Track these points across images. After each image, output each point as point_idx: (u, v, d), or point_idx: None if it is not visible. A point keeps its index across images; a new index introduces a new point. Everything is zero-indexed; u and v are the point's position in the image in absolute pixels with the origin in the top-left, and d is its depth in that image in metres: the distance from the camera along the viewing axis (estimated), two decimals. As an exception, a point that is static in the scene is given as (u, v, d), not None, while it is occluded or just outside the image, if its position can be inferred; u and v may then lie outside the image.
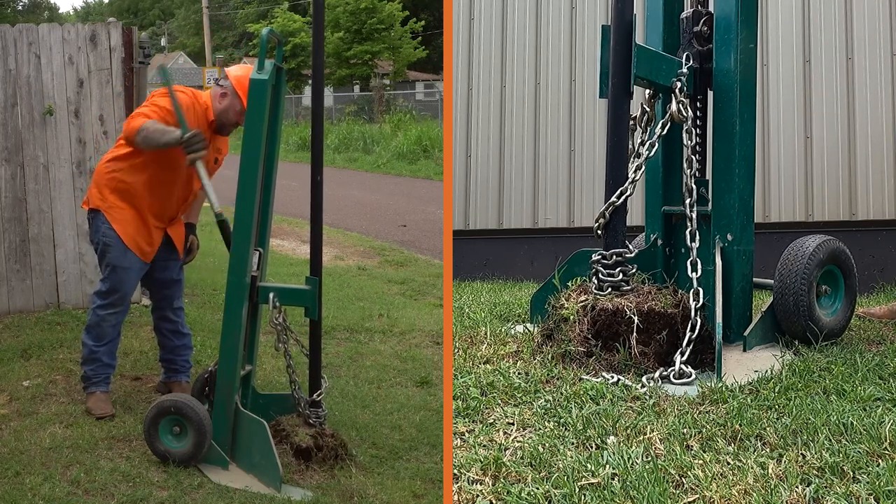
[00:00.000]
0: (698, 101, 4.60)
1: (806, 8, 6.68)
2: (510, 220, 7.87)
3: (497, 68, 8.06)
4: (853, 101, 6.48)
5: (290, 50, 31.82)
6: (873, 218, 6.39)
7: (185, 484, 3.58)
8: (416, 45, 33.61)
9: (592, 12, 7.48)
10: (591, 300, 4.10)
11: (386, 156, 19.61)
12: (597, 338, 4.02)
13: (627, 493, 2.65)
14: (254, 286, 3.84)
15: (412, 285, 7.59)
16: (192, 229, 4.55)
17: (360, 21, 31.13)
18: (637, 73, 4.23)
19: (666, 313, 4.04)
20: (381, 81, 31.27)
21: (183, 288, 4.60)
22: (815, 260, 4.31)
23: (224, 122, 4.19)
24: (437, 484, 3.64)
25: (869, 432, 3.03)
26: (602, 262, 4.24)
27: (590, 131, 7.54)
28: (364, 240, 10.14)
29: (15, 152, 5.92)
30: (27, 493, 3.45)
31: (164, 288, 4.44)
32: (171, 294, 4.48)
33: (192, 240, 4.55)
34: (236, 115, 4.13)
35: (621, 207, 4.29)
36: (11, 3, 45.35)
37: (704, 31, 4.52)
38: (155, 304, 4.54)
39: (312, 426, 3.85)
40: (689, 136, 4.42)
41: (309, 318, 3.86)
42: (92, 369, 4.34)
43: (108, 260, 4.24)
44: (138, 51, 6.23)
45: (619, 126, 4.32)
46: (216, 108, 4.16)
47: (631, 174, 4.31)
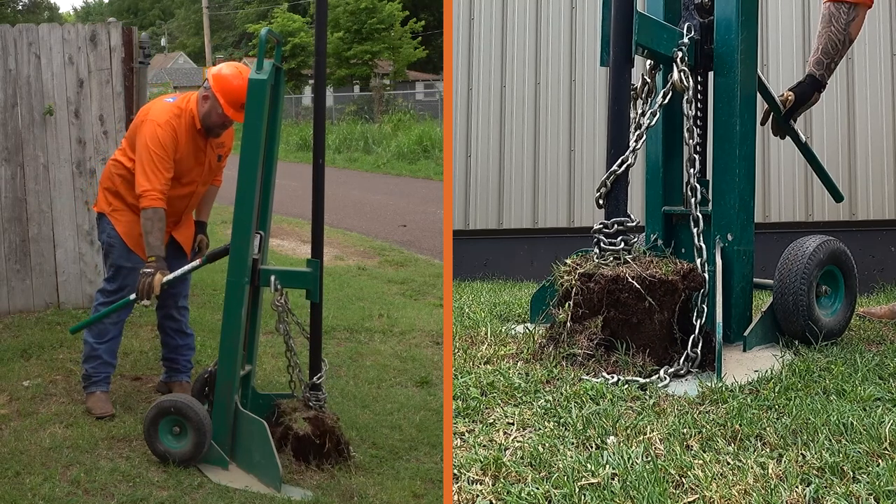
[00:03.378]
0: (699, 76, 4.58)
1: (806, 8, 6.68)
2: (510, 220, 7.87)
3: (497, 68, 8.06)
4: (853, 101, 6.48)
5: (290, 50, 31.83)
6: (873, 218, 6.39)
7: (185, 484, 3.59)
8: (416, 45, 33.61)
9: (592, 12, 7.47)
10: (593, 268, 4.07)
11: (386, 156, 19.61)
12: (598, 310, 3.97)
13: (627, 493, 2.65)
14: (255, 269, 3.84)
15: (412, 285, 7.60)
16: (202, 228, 4.57)
17: (360, 21, 31.13)
18: (638, 40, 4.21)
19: (667, 280, 4.00)
20: (381, 81, 31.28)
21: (188, 289, 4.61)
22: (815, 260, 4.31)
23: (209, 126, 4.18)
24: (437, 484, 3.65)
25: (869, 432, 3.03)
26: (603, 231, 4.23)
27: (590, 131, 7.53)
28: (364, 240, 10.14)
29: (15, 152, 5.92)
30: (27, 493, 3.45)
31: (169, 287, 4.45)
32: (177, 293, 4.49)
33: (201, 239, 4.56)
34: (219, 116, 4.11)
35: (622, 176, 4.27)
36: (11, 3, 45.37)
37: (706, 3, 4.51)
38: (160, 303, 4.56)
39: (312, 409, 3.85)
40: (689, 106, 4.41)
41: (310, 300, 3.86)
42: (93, 367, 4.35)
43: (112, 260, 4.34)
44: (138, 51, 6.23)
45: (621, 94, 4.29)
46: (200, 112, 4.16)
47: (632, 143, 4.29)
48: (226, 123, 4.17)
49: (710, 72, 4.57)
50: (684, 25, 4.51)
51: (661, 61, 4.50)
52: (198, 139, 4.21)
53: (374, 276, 8.04)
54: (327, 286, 4.69)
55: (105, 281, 4.42)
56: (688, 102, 4.42)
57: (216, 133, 4.23)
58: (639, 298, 3.95)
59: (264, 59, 3.76)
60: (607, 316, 4.00)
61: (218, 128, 4.20)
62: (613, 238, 4.21)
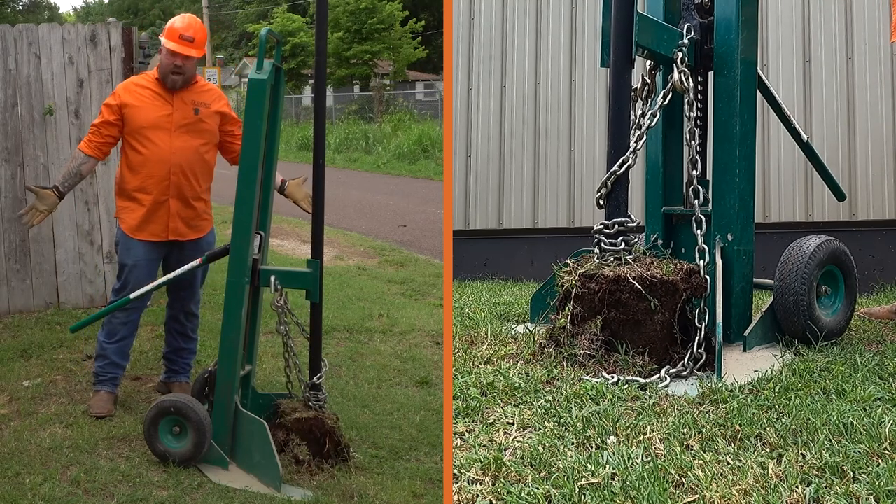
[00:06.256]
0: (699, 76, 4.58)
1: (806, 8, 6.68)
2: (510, 220, 7.87)
3: (497, 68, 8.06)
4: (853, 101, 6.48)
5: (290, 50, 31.81)
6: (873, 218, 6.39)
7: (185, 484, 3.59)
8: (416, 45, 33.58)
9: (592, 12, 7.47)
10: (594, 269, 4.07)
11: (386, 156, 19.61)
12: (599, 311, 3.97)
13: (627, 493, 2.65)
14: (255, 269, 3.84)
15: (412, 285, 7.59)
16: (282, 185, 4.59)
17: (360, 21, 31.09)
18: (638, 41, 4.21)
19: (668, 280, 4.00)
20: (381, 81, 31.26)
21: (198, 295, 4.60)
22: (815, 260, 4.31)
23: (164, 73, 4.31)
24: (437, 484, 3.65)
25: (869, 432, 3.03)
26: (604, 232, 4.23)
27: (590, 131, 7.53)
28: (364, 240, 10.14)
29: (15, 152, 5.92)
30: (27, 493, 3.45)
31: (179, 288, 4.47)
32: (185, 297, 4.51)
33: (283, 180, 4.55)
34: (167, 57, 4.27)
35: (623, 176, 4.28)
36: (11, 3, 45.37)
37: (706, 3, 4.52)
38: (169, 302, 4.60)
39: (311, 409, 3.85)
40: (690, 107, 4.41)
41: (310, 300, 3.86)
42: (101, 366, 4.38)
43: (118, 258, 4.46)
44: (138, 51, 6.23)
45: (621, 95, 4.30)
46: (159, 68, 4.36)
47: (633, 143, 4.29)
48: (176, 64, 4.26)
49: (710, 72, 4.57)
50: (684, 26, 4.51)
51: (662, 62, 4.50)
52: (160, 91, 4.33)
53: (374, 276, 8.04)
54: (327, 286, 4.69)
55: (116, 279, 4.51)
56: (689, 103, 4.42)
57: (171, 80, 4.30)
58: (640, 299, 3.95)
59: (264, 59, 3.77)
60: (608, 316, 4.00)
61: (170, 71, 4.28)
62: (614, 238, 4.21)
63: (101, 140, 4.33)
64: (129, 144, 4.32)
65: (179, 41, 4.24)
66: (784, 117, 4.96)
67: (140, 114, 4.28)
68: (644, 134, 4.33)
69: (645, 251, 4.37)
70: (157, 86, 4.34)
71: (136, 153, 4.29)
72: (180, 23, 4.30)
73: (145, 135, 4.27)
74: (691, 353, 4.01)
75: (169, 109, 4.29)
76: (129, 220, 4.34)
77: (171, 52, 4.24)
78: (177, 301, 4.53)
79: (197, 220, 4.41)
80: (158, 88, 4.33)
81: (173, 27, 4.28)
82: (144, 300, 4.35)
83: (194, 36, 4.26)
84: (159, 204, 4.30)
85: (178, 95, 4.32)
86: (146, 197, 4.29)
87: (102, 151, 4.36)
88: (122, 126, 4.30)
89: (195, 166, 4.34)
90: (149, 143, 4.27)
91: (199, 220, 4.42)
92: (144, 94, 4.32)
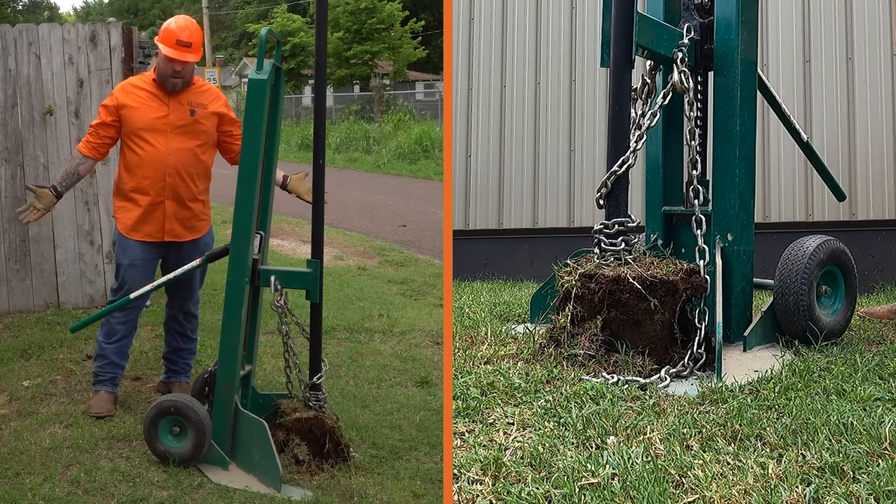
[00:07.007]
0: (699, 76, 4.58)
1: (806, 8, 6.68)
2: (510, 220, 7.88)
3: (497, 68, 8.06)
4: (853, 101, 6.48)
5: (290, 50, 31.80)
6: (873, 218, 6.39)
7: (185, 484, 3.59)
8: (416, 45, 33.57)
9: (592, 12, 7.47)
10: (594, 269, 4.07)
11: (386, 156, 19.61)
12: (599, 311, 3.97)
13: (627, 493, 2.65)
14: (255, 269, 3.84)
15: (412, 285, 7.59)
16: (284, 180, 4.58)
17: (360, 21, 31.09)
18: (638, 41, 4.22)
19: (668, 280, 4.00)
20: (381, 81, 31.25)
21: (197, 296, 4.59)
22: (815, 260, 4.31)
23: (161, 75, 4.30)
24: (437, 484, 3.64)
25: (869, 432, 3.03)
26: (604, 232, 4.23)
27: (590, 131, 7.53)
28: (364, 240, 10.14)
29: (15, 152, 5.92)
30: (27, 493, 3.45)
31: (177, 289, 4.47)
32: (184, 297, 4.51)
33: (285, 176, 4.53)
34: (164, 61, 4.26)
35: (623, 176, 4.28)
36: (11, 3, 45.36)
37: (706, 3, 4.52)
38: (168, 303, 4.60)
39: (311, 409, 3.85)
40: (690, 107, 4.41)
41: (310, 300, 3.86)
42: (100, 366, 4.38)
43: (115, 258, 4.50)
44: (138, 51, 6.23)
45: (621, 95, 4.30)
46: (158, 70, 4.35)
47: (633, 143, 4.29)
48: (175, 69, 4.25)
49: (710, 72, 4.57)
50: (684, 26, 4.51)
51: (662, 62, 4.50)
52: (157, 92, 4.32)
53: (374, 276, 8.04)
54: (327, 286, 4.68)
55: (114, 279, 4.52)
56: (689, 103, 4.42)
57: (170, 83, 4.30)
58: (640, 299, 3.95)
59: (264, 59, 3.77)
60: (608, 316, 4.00)
61: (169, 76, 4.27)
62: (614, 238, 4.21)
63: (98, 141, 4.33)
64: (126, 145, 4.33)
65: (177, 47, 4.23)
66: (784, 117, 4.96)
67: (136, 115, 4.28)
68: (644, 134, 4.33)
69: (645, 251, 4.37)
70: (153, 87, 4.34)
71: (132, 154, 4.30)
72: (176, 26, 4.28)
73: (141, 136, 4.27)
74: (691, 353, 4.01)
75: (165, 111, 4.29)
76: (125, 219, 4.34)
77: (168, 59, 4.24)
78: (175, 301, 4.53)
79: (194, 221, 4.41)
80: (155, 90, 4.33)
81: (169, 31, 4.27)
82: (143, 300, 4.35)
83: (191, 40, 4.25)
84: (155, 205, 4.30)
85: (175, 97, 4.33)
86: (142, 197, 4.29)
87: (100, 152, 4.37)
88: (119, 127, 4.31)
89: (191, 167, 4.34)
90: (145, 145, 4.27)
91: (196, 221, 4.42)
92: (141, 95, 4.32)
